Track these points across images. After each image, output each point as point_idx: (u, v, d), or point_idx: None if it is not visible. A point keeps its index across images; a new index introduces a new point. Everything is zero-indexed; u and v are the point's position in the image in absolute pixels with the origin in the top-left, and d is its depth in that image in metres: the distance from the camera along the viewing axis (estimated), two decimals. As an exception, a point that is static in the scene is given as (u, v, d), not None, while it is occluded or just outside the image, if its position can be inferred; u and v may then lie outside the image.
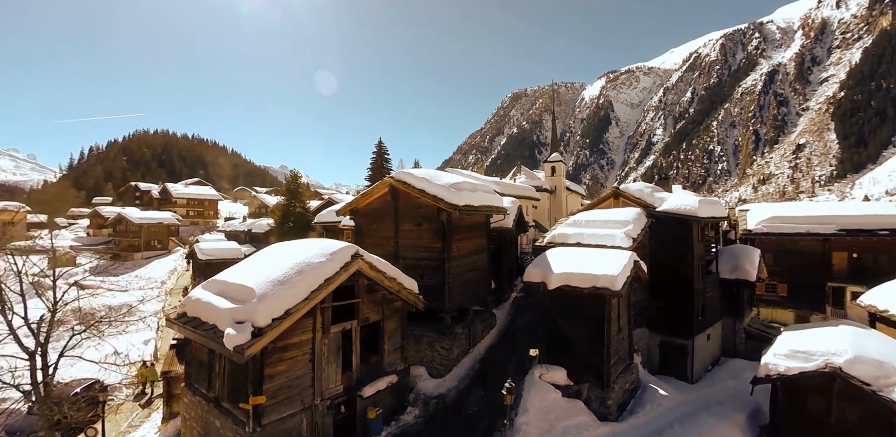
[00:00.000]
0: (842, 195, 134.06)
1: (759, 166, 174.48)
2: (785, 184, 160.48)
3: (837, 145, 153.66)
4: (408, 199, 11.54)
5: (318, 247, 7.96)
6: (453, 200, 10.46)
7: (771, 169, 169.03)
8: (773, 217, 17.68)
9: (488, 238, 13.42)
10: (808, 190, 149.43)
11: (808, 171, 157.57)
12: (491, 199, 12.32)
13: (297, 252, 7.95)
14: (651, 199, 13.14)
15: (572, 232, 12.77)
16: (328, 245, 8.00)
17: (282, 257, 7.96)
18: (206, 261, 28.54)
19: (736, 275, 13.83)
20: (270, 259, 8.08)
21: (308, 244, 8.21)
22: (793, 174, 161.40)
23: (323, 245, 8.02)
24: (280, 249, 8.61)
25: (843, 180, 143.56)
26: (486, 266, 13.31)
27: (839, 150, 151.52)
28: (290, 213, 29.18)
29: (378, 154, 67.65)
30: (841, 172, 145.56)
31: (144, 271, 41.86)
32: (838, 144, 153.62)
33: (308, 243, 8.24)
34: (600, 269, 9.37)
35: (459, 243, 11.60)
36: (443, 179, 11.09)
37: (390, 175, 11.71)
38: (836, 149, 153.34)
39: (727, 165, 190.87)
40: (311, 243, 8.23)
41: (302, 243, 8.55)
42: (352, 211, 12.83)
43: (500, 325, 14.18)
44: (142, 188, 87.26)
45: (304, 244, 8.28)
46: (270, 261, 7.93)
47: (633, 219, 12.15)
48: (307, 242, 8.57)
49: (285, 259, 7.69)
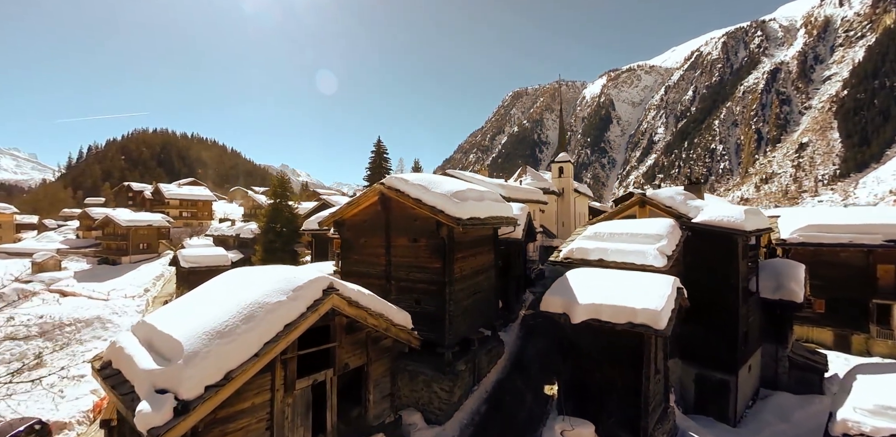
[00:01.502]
0: (845, 195, 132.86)
1: (762, 165, 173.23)
2: (788, 183, 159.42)
3: (840, 144, 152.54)
4: (402, 210, 9.68)
5: (279, 280, 6.04)
6: (455, 213, 8.59)
7: (773, 168, 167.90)
8: (809, 225, 15.85)
9: (496, 253, 11.56)
10: (811, 189, 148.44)
11: (811, 170, 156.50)
12: (500, 209, 10.45)
13: (250, 287, 6.03)
14: (685, 208, 11.28)
15: (593, 246, 10.90)
16: (292, 278, 6.06)
17: (230, 293, 6.03)
18: (189, 269, 26.67)
19: (780, 295, 12.01)
20: (216, 296, 6.17)
21: (267, 276, 6.26)
22: (795, 173, 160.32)
23: (285, 277, 6.08)
24: (232, 280, 6.67)
25: (846, 179, 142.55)
26: (494, 286, 11.45)
27: (842, 149, 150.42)
28: (278, 218, 26.93)
29: (377, 153, 65.69)
30: (844, 171, 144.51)
31: (130, 277, 39.97)
32: (841, 142, 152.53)
33: (267, 275, 6.29)
34: (638, 300, 7.52)
35: (463, 263, 9.74)
36: (443, 187, 9.22)
37: (381, 181, 9.84)
38: (839, 148, 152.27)
39: (729, 164, 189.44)
40: (271, 274, 6.28)
41: (261, 273, 6.58)
42: (336, 223, 10.95)
43: (508, 351, 12.34)
44: (134, 189, 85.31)
45: (262, 276, 6.33)
46: (215, 299, 6.02)
47: (666, 232, 10.29)
48: (268, 271, 6.64)
49: (233, 298, 5.77)
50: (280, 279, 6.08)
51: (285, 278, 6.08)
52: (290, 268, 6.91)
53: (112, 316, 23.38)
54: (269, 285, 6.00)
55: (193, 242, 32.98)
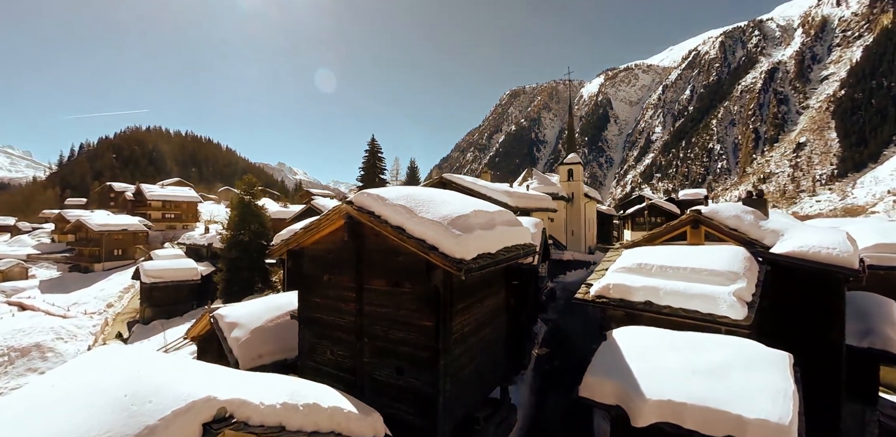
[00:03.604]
0: (843, 195, 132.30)
1: (760, 165, 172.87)
2: (785, 183, 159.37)
3: (838, 144, 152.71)
4: (378, 240, 6.82)
5: (122, 405, 3.16)
6: (456, 251, 5.73)
7: (771, 167, 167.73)
8: (879, 245, 13.22)
9: (509, 290, 8.73)
10: (809, 189, 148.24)
11: (809, 169, 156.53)
12: (516, 235, 7.60)
13: (71, 415, 3.16)
14: (758, 232, 8.51)
15: (639, 284, 8.13)
16: (147, 398, 3.16)
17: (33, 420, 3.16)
18: (152, 284, 23.43)
19: (869, 342, 9.32)
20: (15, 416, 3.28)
21: (108, 386, 3.39)
22: (793, 173, 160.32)
23: (136, 396, 3.17)
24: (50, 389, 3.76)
25: (844, 179, 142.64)
26: (505, 336, 8.63)
27: (840, 148, 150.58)
28: (245, 229, 22.87)
29: (371, 153, 62.59)
30: (842, 170, 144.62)
31: (97, 288, 36.62)
32: (839, 142, 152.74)
33: (112, 381, 3.41)
34: (743, 399, 4.75)
35: (465, 315, 6.89)
36: (436, 209, 6.33)
37: (348, 199, 6.95)
38: (836, 147, 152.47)
39: (727, 164, 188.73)
40: (121, 381, 3.39)
41: (109, 375, 3.68)
42: (291, 253, 8.06)
43: (522, 415, 9.54)
44: (116, 189, 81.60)
45: (103, 384, 3.46)
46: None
47: (741, 268, 7.53)
48: (123, 368, 3.75)
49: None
50: (124, 404, 3.17)
51: (136, 398, 3.17)
52: (163, 364, 3.91)
53: (56, 343, 20.13)
54: (100, 413, 3.11)
55: (162, 252, 29.70)
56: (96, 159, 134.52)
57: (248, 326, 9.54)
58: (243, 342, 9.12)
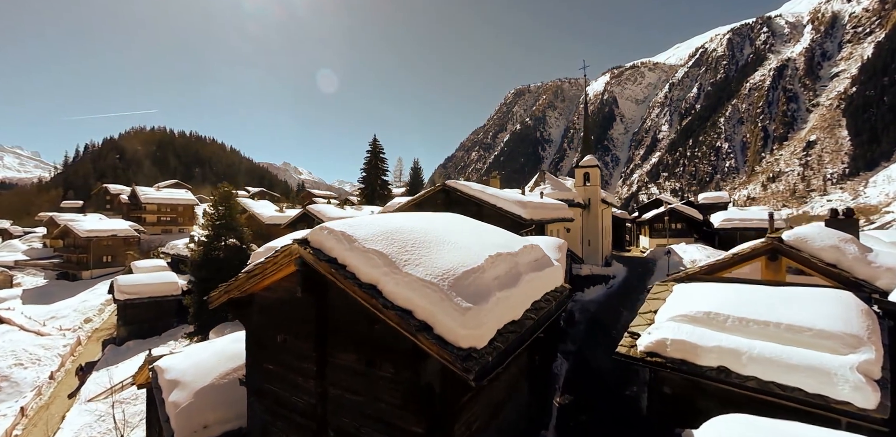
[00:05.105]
0: (855, 194, 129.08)
1: (769, 164, 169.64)
2: (795, 182, 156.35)
3: (849, 142, 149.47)
4: (346, 296, 4.60)
5: None
6: (462, 336, 3.49)
7: (780, 166, 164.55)
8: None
9: (532, 345, 6.49)
10: (820, 188, 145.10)
11: (820, 168, 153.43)
12: (546, 280, 5.37)
13: None
14: (866, 269, 6.15)
15: (710, 343, 5.90)
16: None
17: None
18: (126, 301, 21.05)
19: None
20: None
21: None
22: (803, 172, 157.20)
23: None
24: None
25: (856, 178, 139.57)
26: (525, 407, 6.40)
27: (851, 147, 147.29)
28: (218, 248, 19.91)
29: (373, 153, 60.69)
30: (854, 169, 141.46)
31: (80, 298, 34.56)
32: (850, 140, 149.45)
33: None
34: None
35: (474, 408, 4.67)
36: (433, 258, 4.10)
37: (299, 238, 4.73)
38: (847, 146, 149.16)
39: (735, 163, 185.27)
40: None
41: None
42: (234, 302, 5.88)
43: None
44: (111, 191, 80.00)
45: None
46: None
47: (862, 328, 5.28)
48: None
49: None
50: None
51: None
52: None
53: (13, 370, 17.71)
54: None
55: (142, 263, 27.52)
56: (100, 160, 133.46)
57: (193, 385, 7.40)
58: (183, 410, 6.98)
